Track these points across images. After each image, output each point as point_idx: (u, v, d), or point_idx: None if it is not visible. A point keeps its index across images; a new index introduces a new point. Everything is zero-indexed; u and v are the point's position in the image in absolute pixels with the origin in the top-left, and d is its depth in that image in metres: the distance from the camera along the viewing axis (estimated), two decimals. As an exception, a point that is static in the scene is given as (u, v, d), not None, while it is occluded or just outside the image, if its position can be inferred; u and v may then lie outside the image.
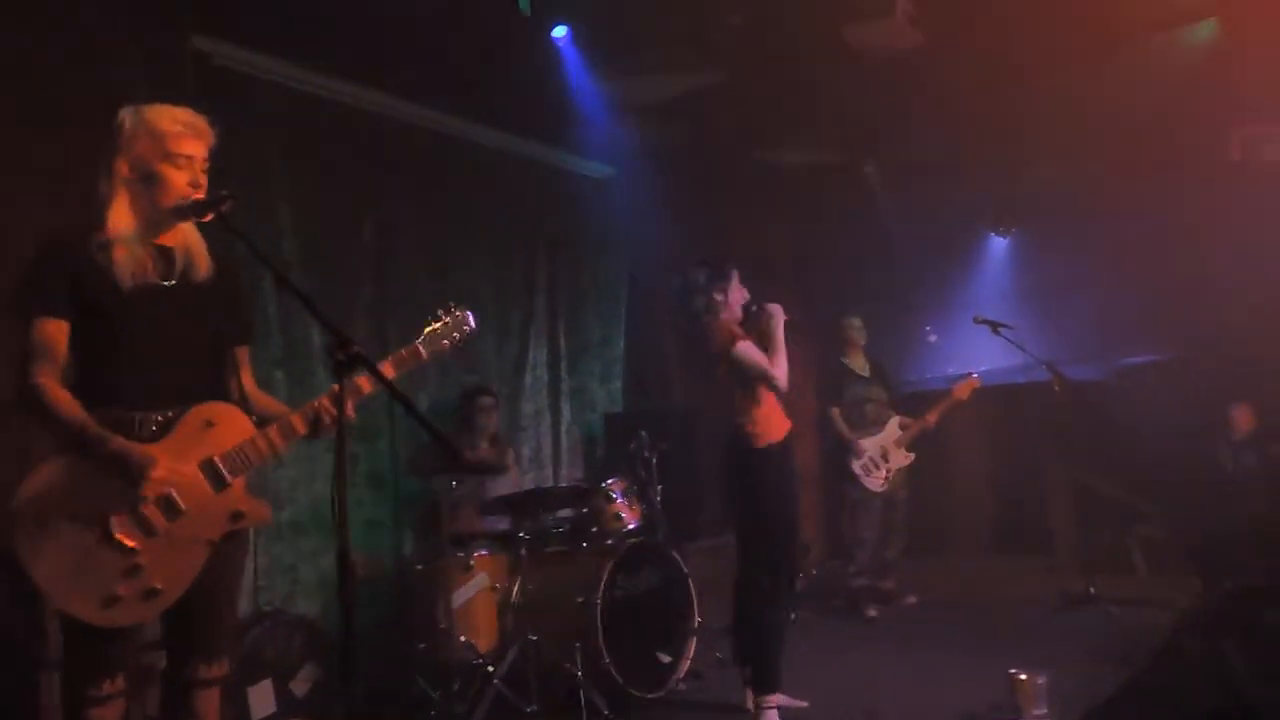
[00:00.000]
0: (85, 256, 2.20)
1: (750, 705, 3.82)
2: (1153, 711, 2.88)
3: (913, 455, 5.92)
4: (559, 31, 5.00)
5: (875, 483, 5.79)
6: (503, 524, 4.55)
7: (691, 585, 4.49)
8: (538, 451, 5.83)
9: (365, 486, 4.81)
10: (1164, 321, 6.54)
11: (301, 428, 2.36)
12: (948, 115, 6.01)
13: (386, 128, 5.04)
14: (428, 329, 2.64)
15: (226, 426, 2.31)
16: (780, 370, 3.71)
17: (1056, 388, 5.69)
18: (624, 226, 6.61)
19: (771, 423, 3.77)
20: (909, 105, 5.84)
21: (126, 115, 2.29)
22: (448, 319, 2.68)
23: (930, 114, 5.95)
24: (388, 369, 2.53)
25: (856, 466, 5.78)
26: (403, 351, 2.59)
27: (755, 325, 3.89)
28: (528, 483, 5.36)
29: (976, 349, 6.87)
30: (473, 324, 2.69)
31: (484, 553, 4.28)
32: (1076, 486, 6.70)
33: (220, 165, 4.22)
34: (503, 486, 4.80)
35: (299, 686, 4.15)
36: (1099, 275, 7.02)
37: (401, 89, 5.00)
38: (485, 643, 4.13)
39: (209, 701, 2.34)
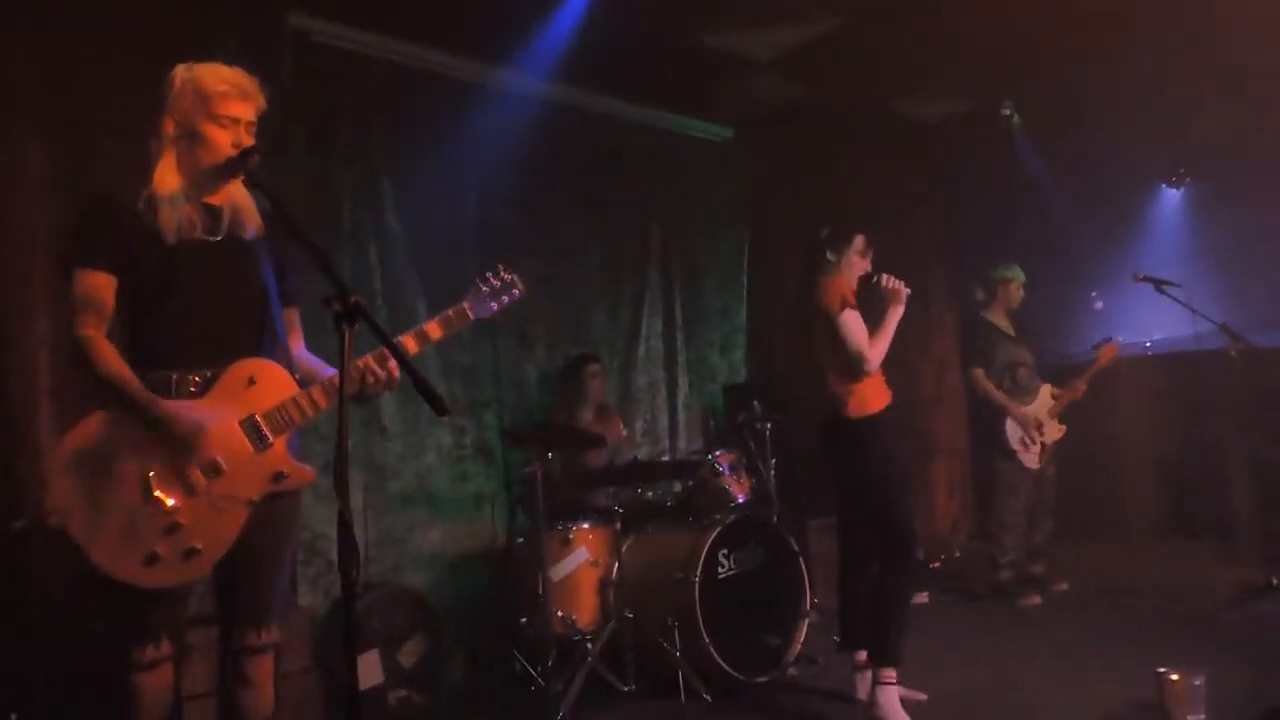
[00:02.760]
0: (131, 212, 2.20)
1: (863, 694, 3.55)
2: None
3: (1064, 428, 5.34)
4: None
5: (1031, 459, 5.19)
6: (604, 497, 4.42)
7: (803, 564, 4.22)
8: (653, 424, 5.67)
9: (474, 459, 4.79)
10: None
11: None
12: (1103, 50, 5.37)
13: (488, 97, 4.96)
14: (475, 289, 2.59)
15: (269, 384, 2.26)
16: (876, 354, 3.51)
17: (1233, 353, 5.03)
18: (745, 190, 6.33)
19: (868, 394, 3.53)
20: (1055, 40, 5.23)
21: (179, 73, 2.27)
22: (496, 281, 2.60)
23: (1081, 48, 5.32)
24: (434, 329, 2.45)
25: (1014, 441, 5.16)
26: (449, 312, 2.52)
27: (870, 299, 3.66)
28: (640, 456, 5.22)
29: (1149, 315, 6.19)
30: (521, 288, 2.66)
31: (585, 526, 4.17)
32: (1262, 466, 5.93)
33: (327, 139, 4.38)
34: (608, 459, 4.67)
35: (406, 658, 4.18)
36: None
37: (501, 57, 4.90)
38: (585, 618, 4.02)
39: (262, 668, 2.31)
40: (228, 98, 2.23)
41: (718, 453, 4.43)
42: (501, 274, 2.62)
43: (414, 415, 4.62)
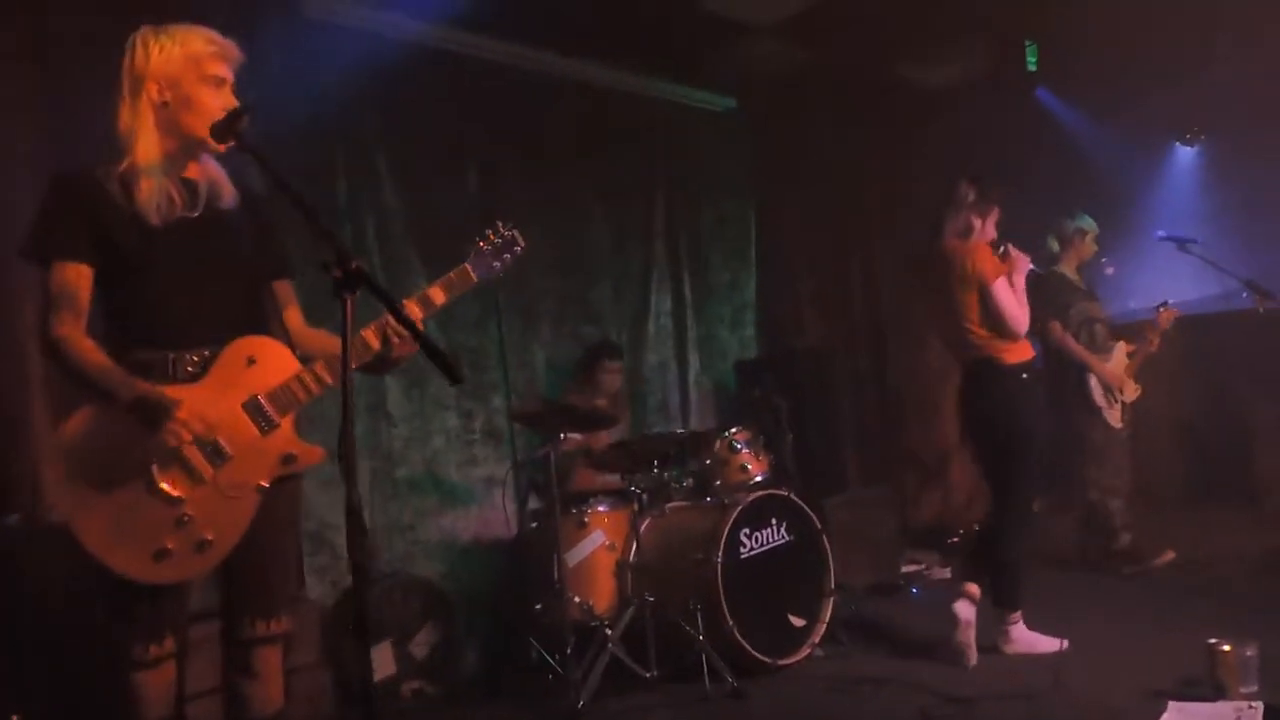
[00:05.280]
0: (104, 192, 2.05)
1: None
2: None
3: (1139, 388, 5.00)
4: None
5: (1115, 417, 4.89)
6: (618, 478, 4.29)
7: (826, 541, 4.09)
8: (664, 404, 5.53)
9: (482, 443, 4.67)
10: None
11: (354, 361, 2.14)
12: (1116, 7, 5.21)
13: (485, 70, 4.81)
14: (476, 249, 2.43)
15: (270, 362, 2.13)
16: (1024, 319, 3.65)
17: (1261, 309, 4.87)
18: (750, 161, 6.16)
19: (1015, 345, 3.66)
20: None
21: (149, 36, 2.11)
22: (497, 238, 2.43)
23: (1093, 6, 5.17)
24: (437, 294, 2.30)
25: (1099, 397, 4.85)
26: (450, 275, 2.37)
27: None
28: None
29: (1161, 278, 6.05)
30: (523, 244, 2.48)
31: (601, 508, 4.04)
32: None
33: (316, 117, 4.22)
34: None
35: (418, 649, 4.07)
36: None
37: (499, 28, 4.74)
38: (602, 603, 3.89)
39: (270, 660, 2.19)
40: (215, 58, 2.11)
41: (734, 429, 4.30)
42: (501, 230, 2.46)
43: (419, 399, 4.49)
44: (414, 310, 2.22)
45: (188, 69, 2.08)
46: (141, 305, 2.07)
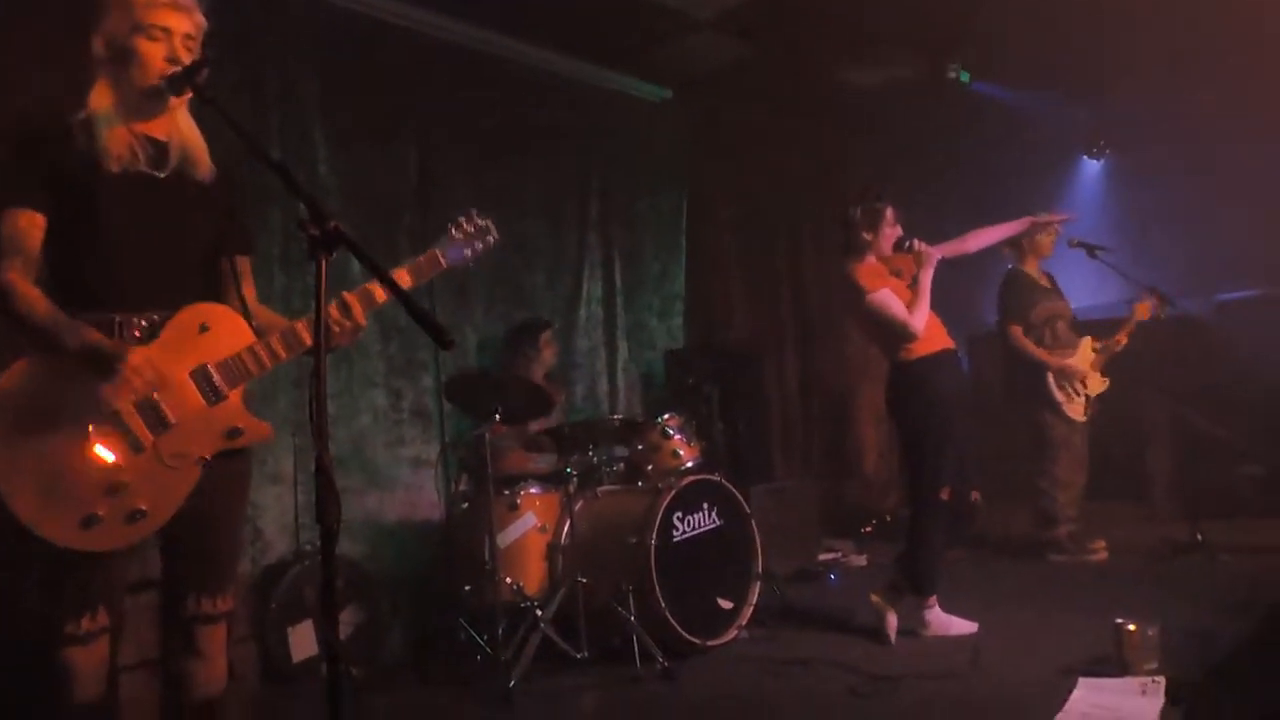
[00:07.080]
0: (63, 137, 1.96)
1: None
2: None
3: (1107, 381, 5.17)
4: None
5: (1077, 410, 5.07)
6: (551, 461, 4.29)
7: (755, 527, 4.18)
8: (593, 390, 5.54)
9: (410, 423, 4.59)
10: (1269, 254, 5.94)
11: (308, 337, 2.09)
12: (1040, 20, 5.44)
13: (427, 48, 4.73)
14: (448, 235, 2.37)
15: (223, 331, 2.06)
16: (918, 318, 3.72)
17: (1160, 316, 5.16)
18: (682, 153, 6.22)
19: (919, 342, 3.76)
20: (992, 6, 5.29)
21: None
22: (469, 226, 2.38)
23: (1017, 17, 5.39)
24: (404, 276, 2.25)
25: (1059, 393, 5.05)
26: (420, 258, 2.30)
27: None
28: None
29: (1066, 284, 6.36)
30: (495, 235, 2.44)
31: (533, 490, 4.04)
32: (1177, 426, 6.15)
33: (254, 81, 4.09)
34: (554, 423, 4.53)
35: (342, 629, 3.97)
36: (1199, 204, 6.42)
37: (442, 3, 4.67)
38: (533, 585, 3.90)
39: (214, 638, 2.12)
40: (154, 7, 2.00)
41: (666, 415, 4.34)
42: (475, 219, 2.41)
43: (346, 376, 4.40)
44: (377, 293, 2.15)
45: (126, 19, 2.00)
46: (90, 261, 1.98)
